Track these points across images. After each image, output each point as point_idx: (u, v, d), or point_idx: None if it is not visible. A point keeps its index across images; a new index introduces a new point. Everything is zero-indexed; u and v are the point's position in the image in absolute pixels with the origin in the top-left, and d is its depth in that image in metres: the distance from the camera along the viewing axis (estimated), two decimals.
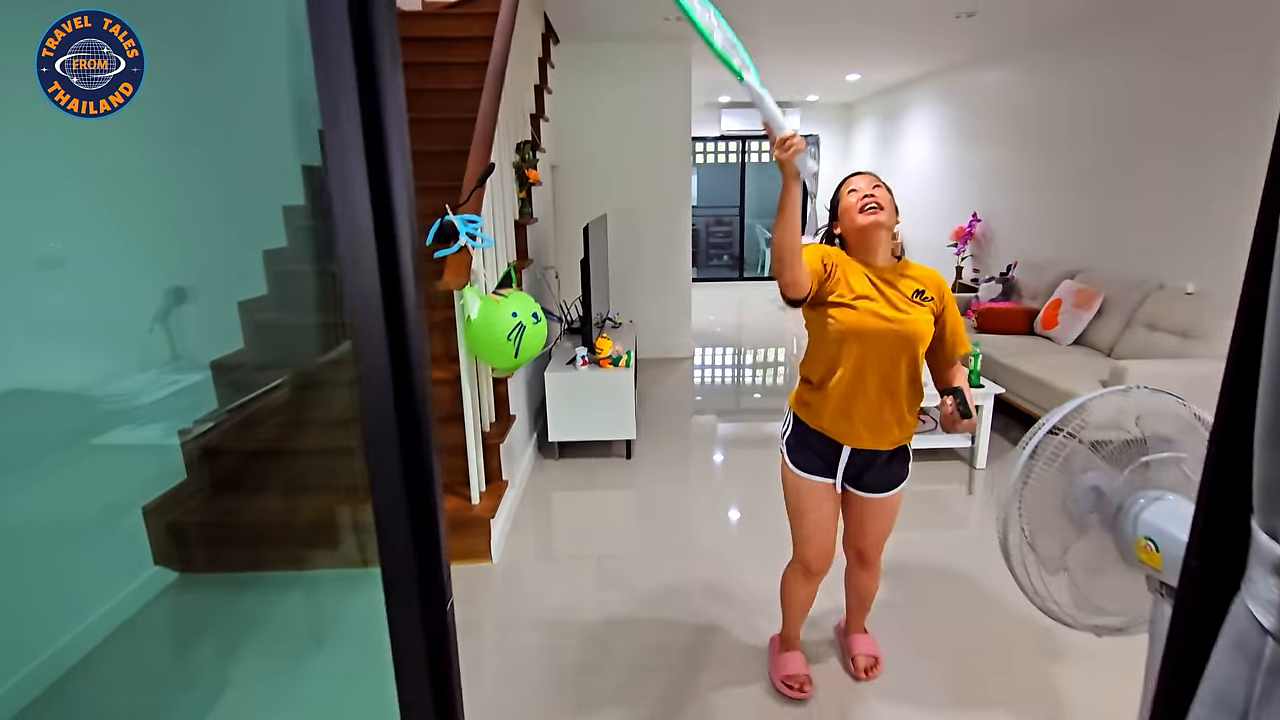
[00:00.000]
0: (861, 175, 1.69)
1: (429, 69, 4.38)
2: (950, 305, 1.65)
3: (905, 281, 1.62)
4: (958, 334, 1.66)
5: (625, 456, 3.58)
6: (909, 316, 1.57)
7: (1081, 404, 1.24)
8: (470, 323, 2.30)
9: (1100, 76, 4.33)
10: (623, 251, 5.31)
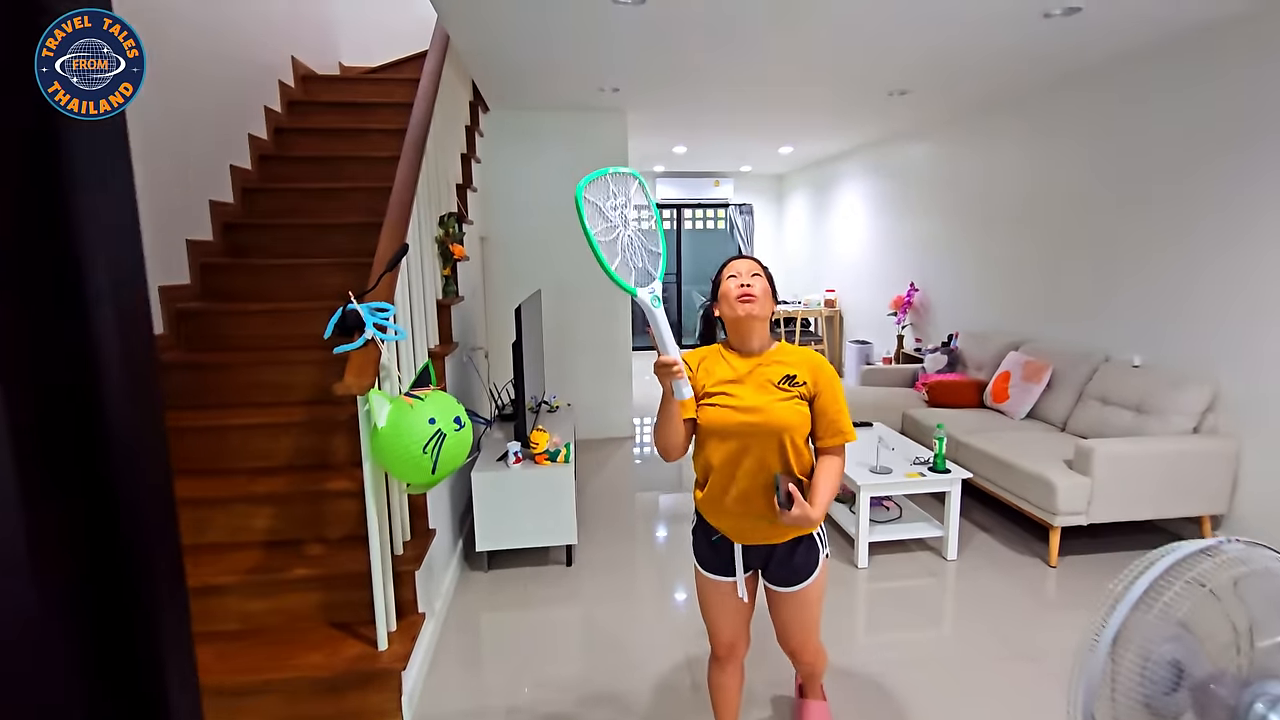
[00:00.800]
0: (743, 260, 1.67)
1: (343, 135, 4.05)
2: (827, 389, 1.58)
3: (775, 367, 1.59)
4: (834, 422, 1.58)
5: (565, 564, 3.15)
6: (770, 407, 1.54)
7: (1162, 568, 0.96)
8: (377, 432, 1.90)
9: (1031, 150, 4.41)
10: (559, 327, 5.00)
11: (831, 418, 1.57)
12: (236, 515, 2.39)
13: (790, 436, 1.54)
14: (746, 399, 1.55)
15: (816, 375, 1.58)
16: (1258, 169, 2.95)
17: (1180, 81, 3.29)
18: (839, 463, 1.59)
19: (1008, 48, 3.41)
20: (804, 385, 1.57)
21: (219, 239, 3.30)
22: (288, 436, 2.57)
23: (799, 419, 1.55)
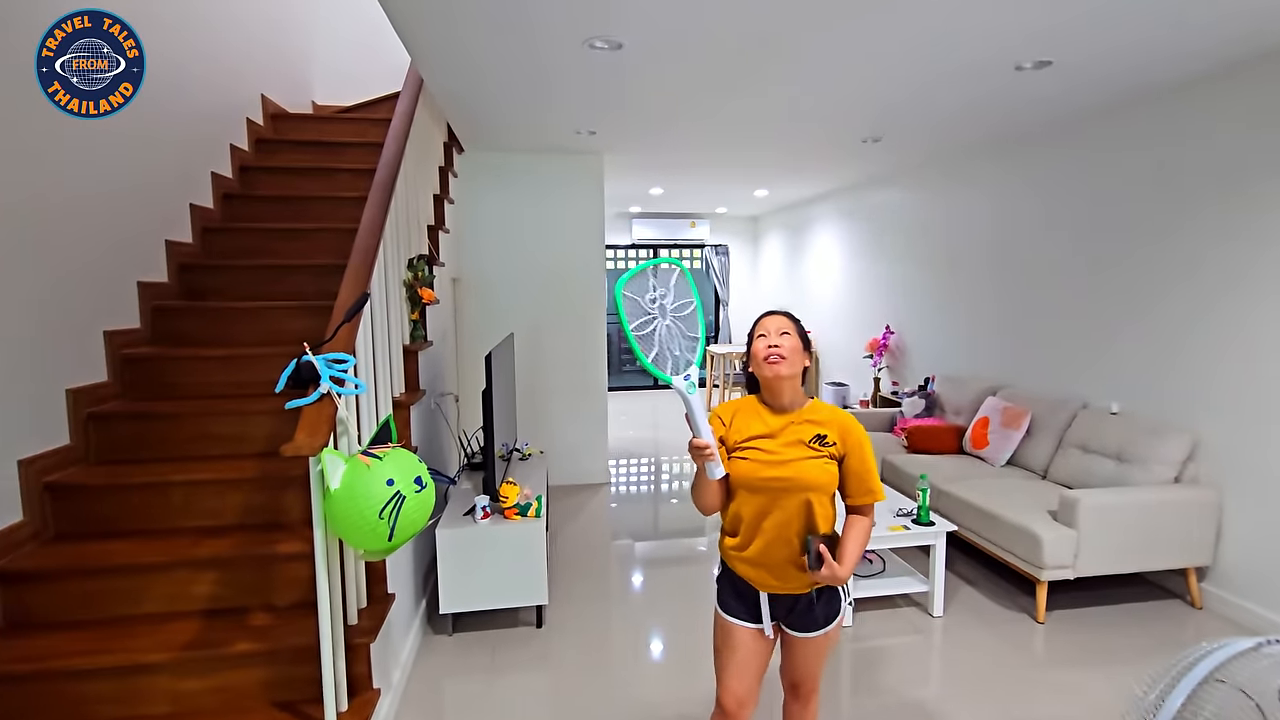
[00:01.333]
0: (772, 316, 1.68)
1: (313, 174, 3.95)
2: (856, 450, 1.61)
3: (806, 426, 1.61)
4: (863, 481, 1.61)
5: (535, 625, 2.97)
6: (799, 465, 1.58)
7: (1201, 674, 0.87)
8: (330, 495, 1.75)
9: (1005, 196, 4.47)
10: (532, 370, 4.88)
11: (861, 477, 1.61)
12: (176, 582, 2.20)
13: (817, 494, 1.58)
14: (777, 454, 1.59)
15: (846, 436, 1.61)
16: (1230, 222, 2.99)
17: (1150, 136, 3.36)
18: (867, 522, 1.63)
19: (981, 99, 3.46)
20: (834, 445, 1.60)
21: (174, 281, 3.15)
22: (238, 493, 2.39)
23: (826, 478, 1.58)
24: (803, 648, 1.71)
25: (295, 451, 1.73)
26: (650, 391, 9.66)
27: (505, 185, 4.84)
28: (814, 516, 1.58)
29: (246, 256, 3.40)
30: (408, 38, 2.72)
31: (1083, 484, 3.35)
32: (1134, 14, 2.40)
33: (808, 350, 1.68)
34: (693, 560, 3.81)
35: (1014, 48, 2.75)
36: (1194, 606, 3.10)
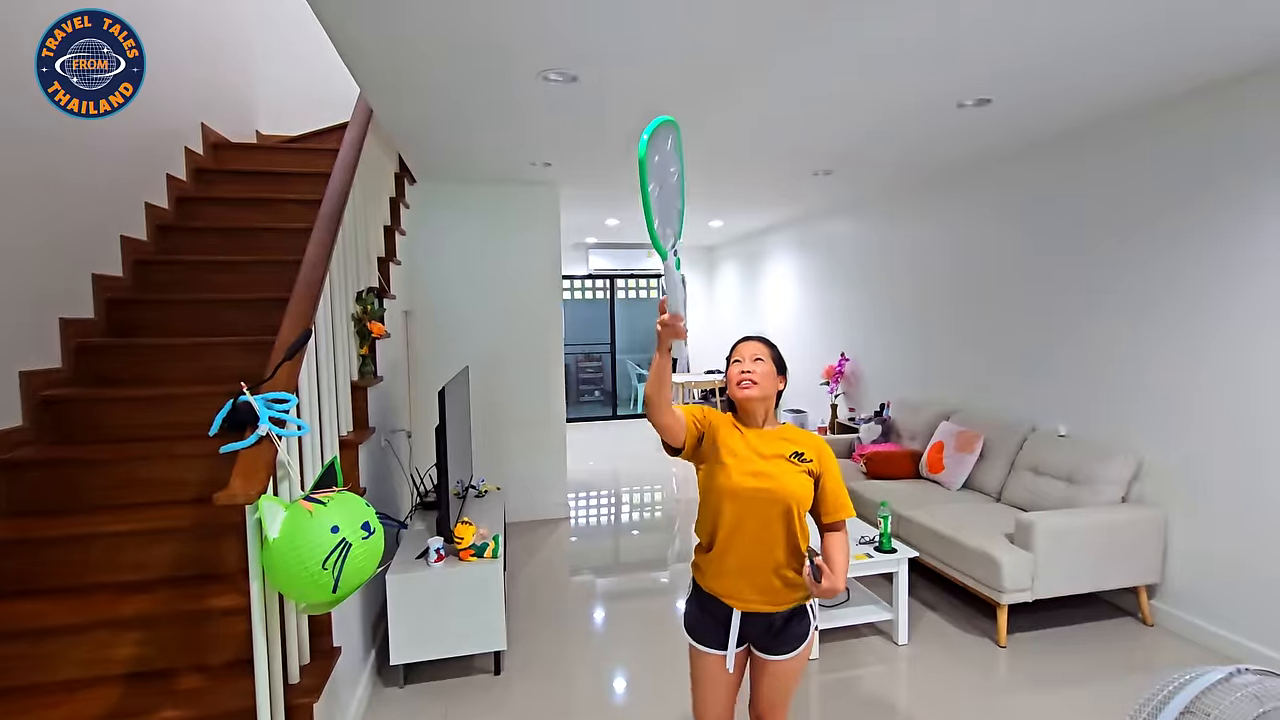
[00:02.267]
0: (747, 342, 1.76)
1: (257, 205, 3.82)
2: (830, 469, 1.68)
3: (783, 443, 1.68)
4: (838, 498, 1.67)
5: (493, 672, 2.83)
6: (780, 476, 1.62)
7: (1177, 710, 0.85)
8: (268, 545, 1.63)
9: (953, 225, 4.62)
10: (488, 403, 4.77)
11: (835, 495, 1.67)
12: (95, 645, 2.01)
13: (795, 506, 1.62)
14: (757, 465, 1.64)
15: (821, 455, 1.68)
16: (1162, 247, 3.13)
17: (1085, 166, 3.52)
18: (844, 537, 1.68)
19: (926, 134, 3.58)
20: (811, 462, 1.66)
21: (101, 317, 2.96)
22: (167, 544, 2.22)
23: (804, 492, 1.63)
24: (773, 672, 1.72)
25: (230, 500, 1.61)
26: (610, 421, 9.58)
27: (459, 216, 4.78)
28: (795, 527, 1.63)
29: (183, 290, 3.24)
30: (357, 69, 2.67)
31: (1036, 506, 3.41)
32: (1062, 65, 2.52)
33: (783, 374, 1.76)
34: (656, 593, 3.72)
35: (955, 88, 2.86)
36: (1145, 624, 3.17)
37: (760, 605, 1.66)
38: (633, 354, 10.63)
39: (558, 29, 2.29)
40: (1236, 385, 2.84)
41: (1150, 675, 2.80)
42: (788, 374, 1.78)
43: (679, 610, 3.49)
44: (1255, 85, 2.71)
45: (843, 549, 1.65)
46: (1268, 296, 2.71)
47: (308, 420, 2.15)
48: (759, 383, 1.68)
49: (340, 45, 2.43)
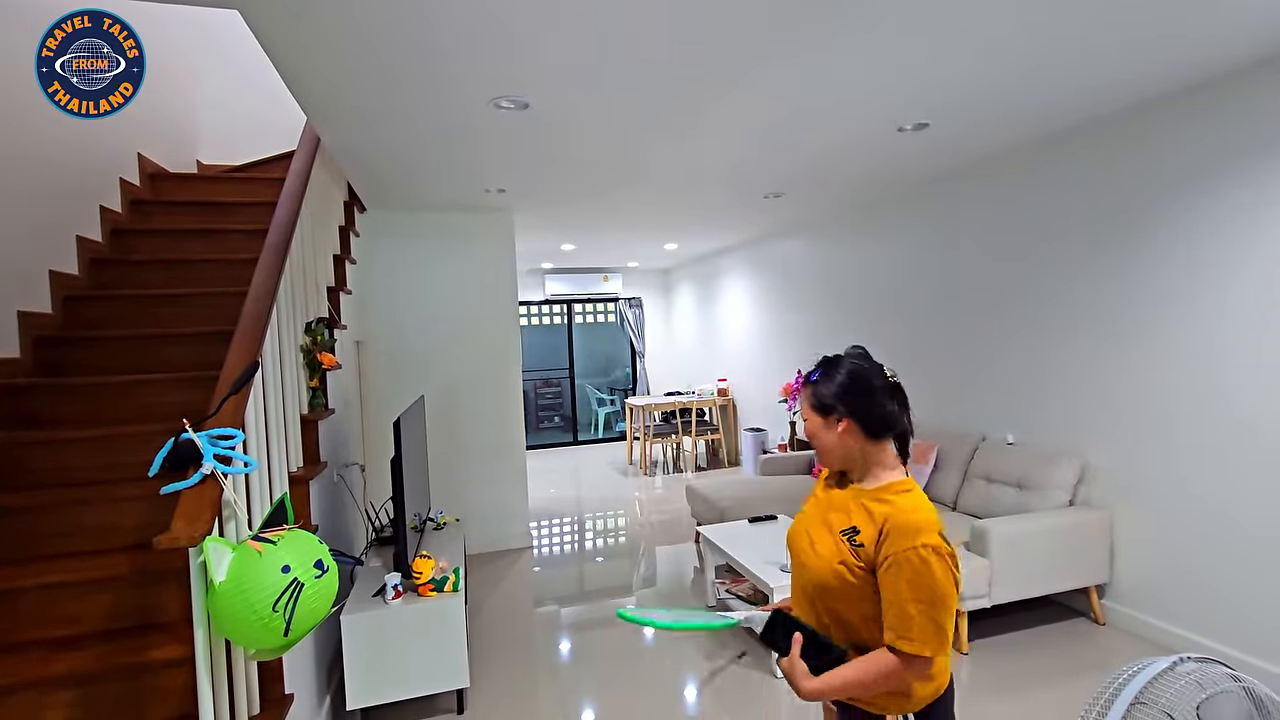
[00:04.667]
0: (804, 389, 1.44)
1: (198, 236, 3.70)
2: (895, 570, 1.18)
3: (855, 511, 1.28)
4: (900, 614, 1.17)
5: (456, 711, 2.74)
6: (812, 551, 1.32)
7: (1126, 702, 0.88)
8: (215, 589, 1.55)
9: (899, 243, 4.78)
10: (445, 433, 4.67)
11: (891, 606, 1.18)
12: (23, 708, 1.87)
13: (835, 601, 1.27)
14: (806, 526, 1.38)
15: (884, 541, 1.20)
16: (1095, 260, 3.30)
17: (1022, 184, 3.70)
18: (886, 663, 1.18)
19: (869, 158, 3.71)
20: (862, 548, 1.23)
21: (28, 356, 2.81)
22: (103, 594, 2.09)
23: (835, 582, 1.25)
24: None
25: (172, 543, 1.53)
26: (571, 448, 9.49)
27: (412, 244, 4.72)
28: (825, 620, 1.29)
29: (119, 326, 3.09)
30: (303, 96, 2.63)
31: (989, 513, 3.51)
32: (992, 94, 2.66)
33: (840, 415, 1.31)
34: (622, 622, 3.67)
35: (894, 115, 2.99)
36: (1098, 623, 3.27)
37: None
38: (592, 378, 10.60)
39: (507, 58, 2.31)
40: (1157, 389, 3.00)
41: (1105, 672, 2.87)
42: (843, 407, 1.31)
43: (647, 636, 3.45)
44: (1164, 110, 2.91)
45: (861, 667, 1.20)
46: (1177, 309, 2.88)
47: (256, 456, 2.07)
48: (816, 439, 1.36)
49: (286, 74, 2.40)
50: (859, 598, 1.23)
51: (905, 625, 1.16)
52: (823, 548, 1.29)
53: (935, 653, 1.17)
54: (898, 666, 1.18)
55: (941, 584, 1.16)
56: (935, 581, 1.16)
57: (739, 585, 3.54)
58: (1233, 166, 2.70)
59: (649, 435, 7.56)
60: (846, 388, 1.32)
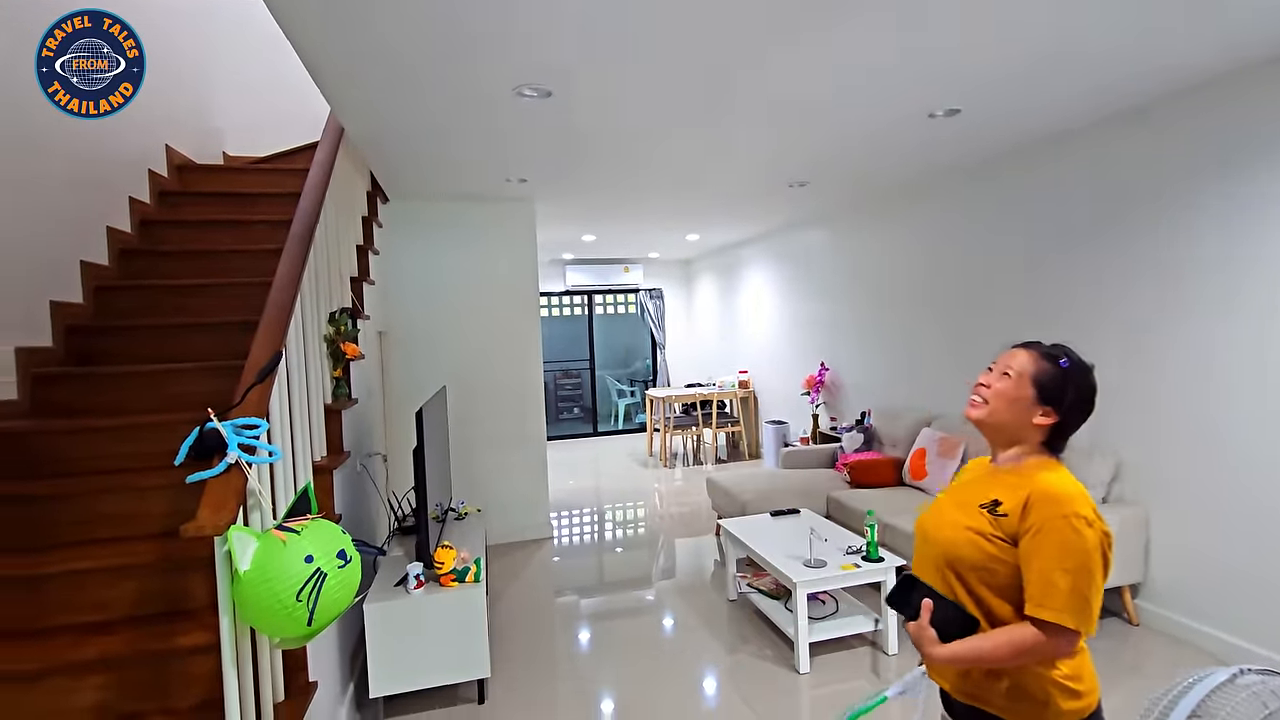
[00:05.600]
0: (1010, 351, 1.35)
1: (224, 227, 3.73)
2: (1038, 536, 1.13)
3: (995, 486, 1.25)
4: (1047, 584, 1.11)
5: (477, 701, 2.75)
6: (947, 527, 1.26)
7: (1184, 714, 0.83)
8: (240, 578, 1.56)
9: (927, 233, 4.68)
10: (466, 423, 4.68)
11: (1042, 575, 1.12)
12: (52, 692, 1.90)
13: (967, 573, 1.21)
14: (943, 512, 1.32)
15: (1029, 510, 1.15)
16: (1133, 248, 3.19)
17: (1060, 170, 3.58)
18: (1023, 635, 1.13)
19: (899, 145, 3.62)
20: (1006, 518, 1.18)
21: (60, 345, 2.85)
22: (130, 581, 2.12)
23: (970, 551, 1.20)
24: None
25: (198, 531, 1.54)
26: (591, 439, 9.50)
27: (434, 234, 4.72)
28: (960, 597, 1.22)
29: (147, 315, 3.13)
30: (326, 87, 2.62)
31: None
32: (1030, 76, 2.57)
33: (1051, 404, 1.25)
34: (642, 611, 3.66)
35: (926, 100, 2.90)
36: (1131, 623, 3.18)
37: (942, 682, 1.33)
38: (612, 369, 10.59)
39: (529, 44, 2.28)
40: (1199, 385, 2.89)
41: (1141, 675, 2.80)
42: (1063, 406, 1.26)
43: (666, 628, 3.44)
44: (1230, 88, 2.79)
45: (998, 639, 1.15)
46: (1217, 302, 2.76)
47: (280, 446, 2.07)
48: (989, 402, 1.29)
49: (310, 64, 2.39)
50: (996, 570, 1.18)
51: (1048, 592, 1.11)
52: (952, 517, 1.26)
53: (1078, 625, 1.11)
54: (1036, 639, 1.12)
55: (1092, 555, 1.12)
56: (1086, 551, 1.11)
57: (760, 579, 3.50)
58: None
59: (669, 427, 7.52)
60: (1079, 399, 1.28)
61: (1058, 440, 1.28)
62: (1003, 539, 1.18)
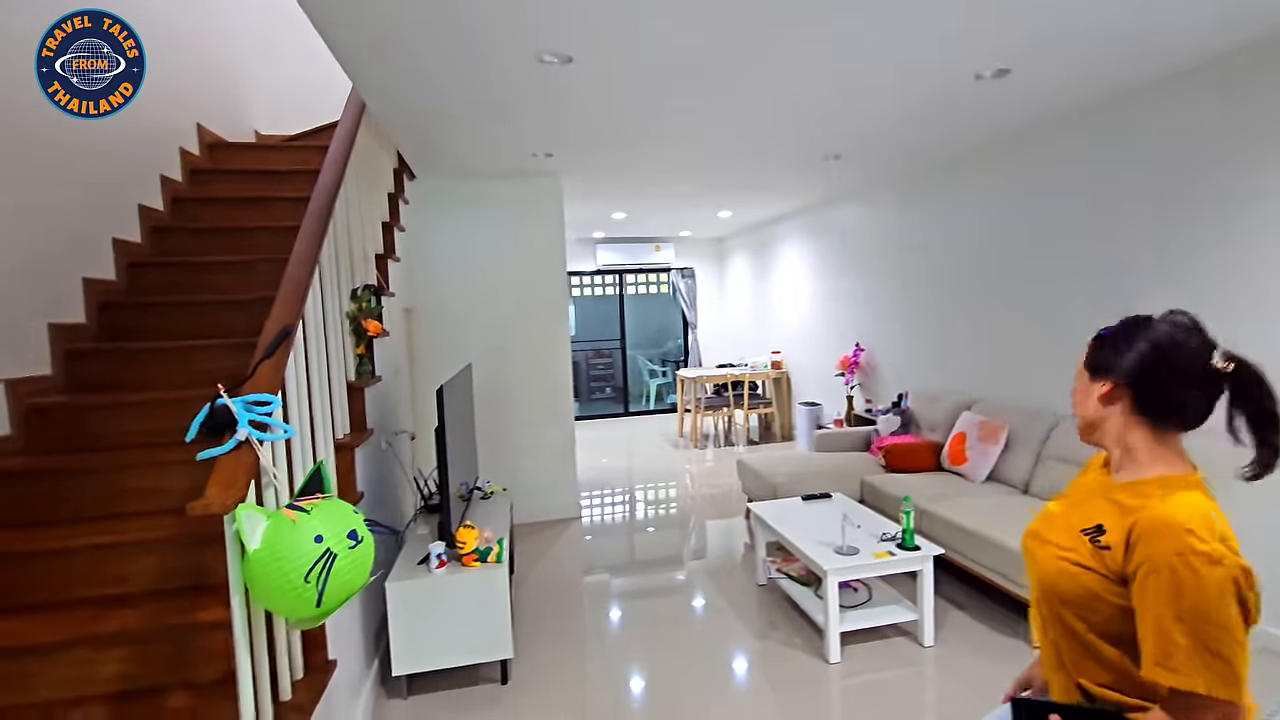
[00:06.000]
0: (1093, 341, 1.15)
1: (252, 204, 3.73)
2: (1145, 578, 0.93)
3: (1105, 507, 1.04)
4: (1163, 638, 0.90)
5: (500, 681, 2.73)
6: (1045, 552, 1.08)
7: None
8: (249, 557, 1.53)
9: (968, 209, 4.45)
10: (494, 403, 4.66)
11: (1151, 630, 0.92)
12: (76, 663, 1.92)
13: (1062, 608, 1.03)
14: (1044, 524, 1.14)
15: (1135, 545, 0.95)
16: (1194, 221, 2.95)
17: (1113, 140, 3.34)
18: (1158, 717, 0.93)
19: (942, 111, 3.41)
20: (1108, 550, 0.99)
21: (94, 321, 2.88)
22: (152, 555, 2.13)
23: (1068, 584, 1.02)
24: None
25: (206, 509, 1.51)
26: (622, 419, 9.46)
27: (461, 211, 4.67)
28: (1076, 645, 1.03)
29: (178, 292, 3.15)
30: (347, 62, 2.57)
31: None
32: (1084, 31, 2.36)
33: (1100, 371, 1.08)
34: (671, 591, 3.61)
35: (973, 58, 2.70)
36: None
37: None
38: (643, 349, 10.50)
39: (546, 6, 2.16)
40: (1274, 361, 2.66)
41: None
42: (1119, 368, 1.06)
43: (696, 610, 3.38)
44: None
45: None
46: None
47: (296, 423, 2.05)
48: (1076, 403, 1.13)
49: (327, 36, 2.33)
50: (1097, 609, 0.98)
51: (1166, 650, 0.89)
52: (1056, 537, 1.07)
53: (1212, 689, 0.87)
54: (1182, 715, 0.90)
55: (1214, 600, 0.88)
56: (1206, 595, 0.88)
57: (790, 564, 3.41)
58: None
59: (700, 408, 7.42)
60: (1143, 354, 1.04)
61: (1166, 428, 1.05)
62: (1106, 577, 0.98)
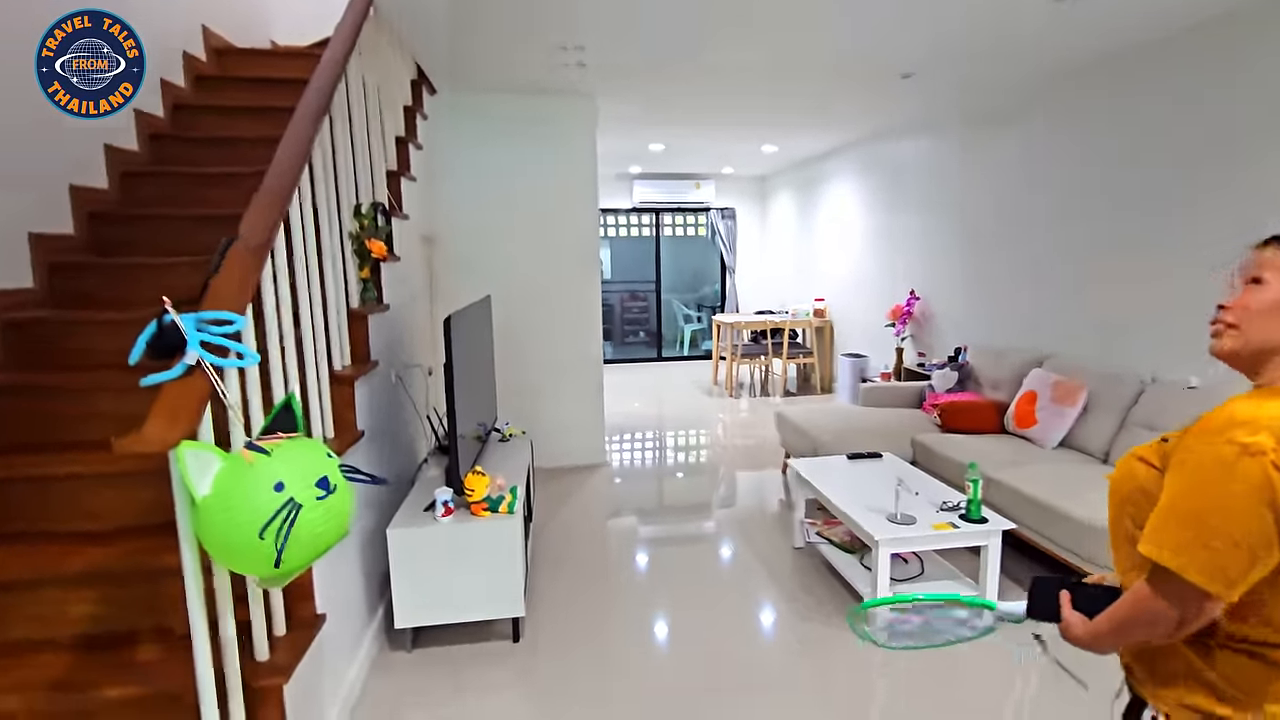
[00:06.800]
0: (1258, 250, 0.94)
1: (261, 114, 3.41)
2: (1183, 462, 0.85)
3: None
4: (1161, 517, 0.86)
5: (511, 639, 2.52)
6: (1121, 465, 1.01)
7: None
8: (198, 504, 1.28)
9: (1047, 142, 3.90)
10: (517, 341, 4.39)
11: (1162, 506, 0.87)
12: (47, 602, 1.75)
13: (1122, 513, 0.98)
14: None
15: (1189, 435, 0.87)
16: None
17: (1217, 71, 2.78)
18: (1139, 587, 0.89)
19: (1017, 33, 2.92)
20: (1166, 443, 0.95)
21: (82, 232, 2.65)
22: (129, 488, 1.93)
23: (1129, 486, 0.97)
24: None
25: (142, 446, 1.25)
26: (655, 364, 9.17)
27: (485, 131, 4.30)
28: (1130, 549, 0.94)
29: (174, 205, 2.90)
30: None
31: None
32: None
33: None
34: (699, 539, 3.39)
35: None
36: None
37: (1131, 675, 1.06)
38: (679, 294, 10.11)
39: None
40: None
41: None
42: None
43: (724, 559, 3.15)
44: None
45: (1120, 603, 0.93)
46: None
47: (276, 350, 1.79)
48: (1240, 325, 0.92)
49: None
50: (1141, 504, 0.92)
51: (1160, 525, 0.85)
52: (1129, 458, 1.00)
53: (1185, 569, 0.81)
54: (1147, 590, 0.87)
55: (1238, 489, 0.78)
56: (1229, 482, 0.79)
57: (832, 528, 3.11)
58: None
59: (736, 355, 7.07)
60: None
61: None
62: (1158, 469, 0.92)
